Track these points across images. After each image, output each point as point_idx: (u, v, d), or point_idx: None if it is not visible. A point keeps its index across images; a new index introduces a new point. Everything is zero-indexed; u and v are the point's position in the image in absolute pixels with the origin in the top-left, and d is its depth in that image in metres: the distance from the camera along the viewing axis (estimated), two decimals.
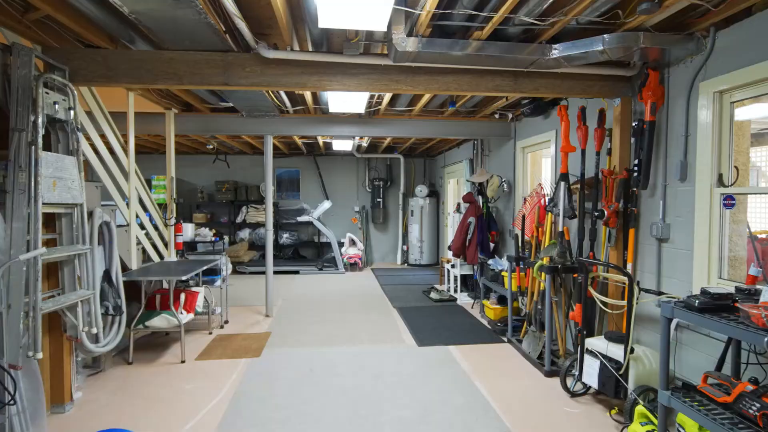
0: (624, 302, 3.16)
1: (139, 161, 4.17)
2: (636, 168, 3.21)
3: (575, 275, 3.44)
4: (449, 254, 8.51)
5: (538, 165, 5.46)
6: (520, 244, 4.46)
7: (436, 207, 9.71)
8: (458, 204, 6.37)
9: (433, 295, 6.47)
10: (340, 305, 6.06)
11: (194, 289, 4.48)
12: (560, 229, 3.58)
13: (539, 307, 4.00)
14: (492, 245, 5.74)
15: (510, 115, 5.39)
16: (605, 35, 2.71)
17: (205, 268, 4.52)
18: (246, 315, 5.56)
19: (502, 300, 5.17)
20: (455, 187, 9.00)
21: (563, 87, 3.33)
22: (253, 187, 9.39)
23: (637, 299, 2.89)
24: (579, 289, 3.47)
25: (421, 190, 9.51)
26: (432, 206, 9.60)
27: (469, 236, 5.60)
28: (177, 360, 4.01)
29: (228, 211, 9.37)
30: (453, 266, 6.46)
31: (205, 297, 4.72)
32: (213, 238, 7.89)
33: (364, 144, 8.04)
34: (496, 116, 5.44)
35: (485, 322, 5.18)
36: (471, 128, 5.67)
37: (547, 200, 4.27)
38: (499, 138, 5.86)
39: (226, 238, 9.20)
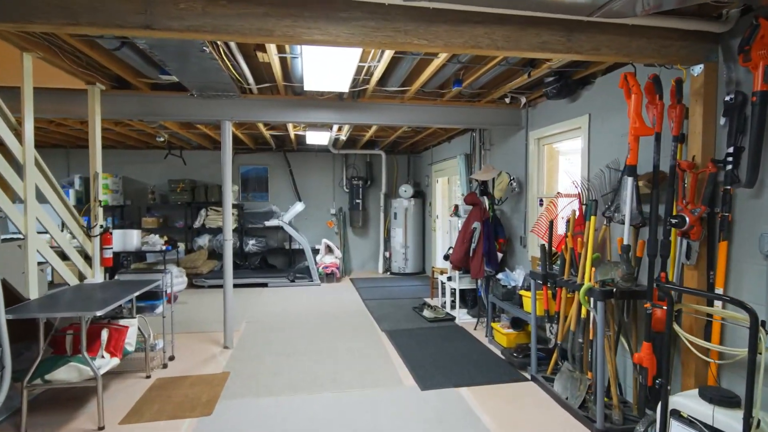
0: (728, 349, 2.28)
1: (75, 156, 3.10)
2: (730, 158, 2.35)
3: (646, 305, 2.53)
4: (441, 263, 7.52)
5: (554, 160, 4.59)
6: (547, 258, 3.55)
7: (421, 209, 8.78)
8: (456, 206, 5.45)
9: (426, 313, 5.51)
10: (317, 328, 5.02)
11: (123, 322, 3.35)
12: (626, 240, 2.67)
13: (580, 340, 3.10)
14: (499, 255, 4.83)
15: (523, 100, 4.49)
16: None
17: (139, 293, 3.41)
18: (199, 346, 4.44)
19: (516, 323, 4.26)
20: (445, 187, 8.10)
21: (632, 47, 2.43)
22: (214, 187, 8.20)
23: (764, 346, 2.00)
24: (646, 324, 2.57)
25: (406, 190, 8.56)
26: (417, 208, 8.67)
27: (473, 245, 4.67)
28: (93, 425, 2.89)
29: (184, 214, 8.14)
30: (450, 279, 5.52)
31: (140, 329, 3.60)
32: (164, 247, 6.67)
33: (343, 137, 7.02)
34: (507, 100, 4.53)
35: (497, 351, 4.26)
36: (474, 116, 4.75)
37: (584, 202, 3.38)
38: (506, 128, 4.96)
39: (182, 246, 7.99)
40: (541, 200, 4.48)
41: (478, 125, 4.83)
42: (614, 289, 2.69)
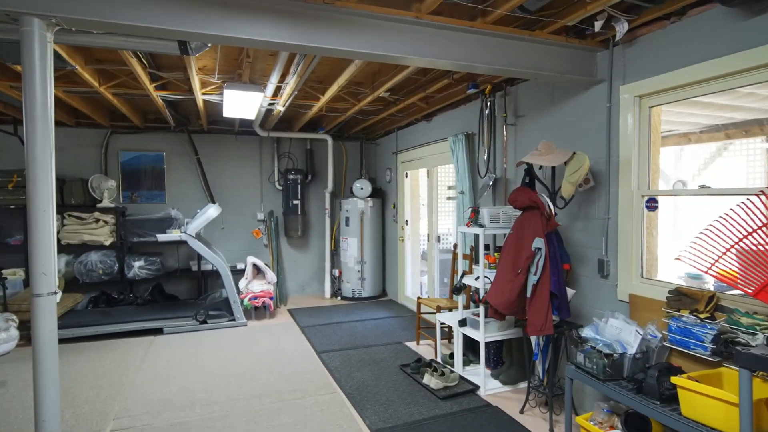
0: None
1: None
2: None
3: None
4: (416, 289, 5.41)
5: (658, 134, 2.77)
6: None
7: (381, 212, 6.70)
8: (474, 210, 3.43)
9: (429, 380, 3.44)
10: None
11: None
12: None
13: None
14: (570, 292, 2.92)
15: (621, 28, 2.60)
16: None
17: None
18: None
19: (633, 423, 2.36)
20: (415, 183, 6.10)
21: None
22: (77, 183, 5.41)
23: None
24: None
25: (363, 187, 6.42)
26: (376, 211, 6.57)
27: (534, 278, 2.69)
28: None
29: (22, 224, 5.22)
30: (463, 323, 3.50)
31: None
32: None
33: (280, 107, 4.70)
34: (598, 24, 2.60)
35: None
36: (526, 55, 2.76)
37: None
38: (569, 80, 3.06)
39: (19, 274, 5.12)
40: (652, 200, 2.63)
41: (529, 72, 2.85)
42: None
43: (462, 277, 3.55)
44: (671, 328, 2.34)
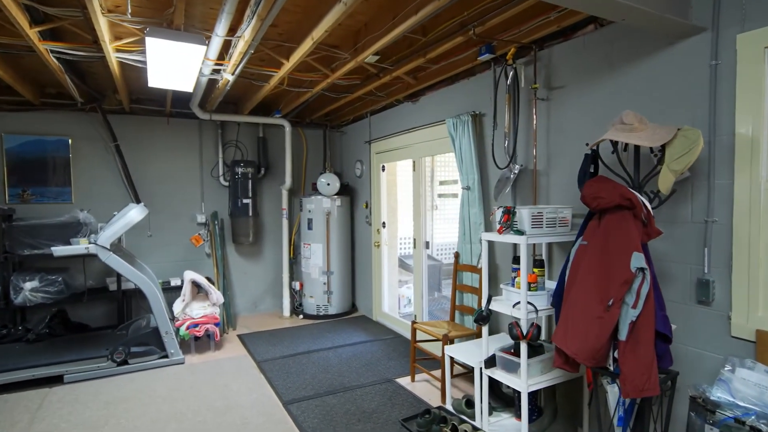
0: None
1: None
2: None
3: None
4: (398, 304, 4.26)
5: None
6: None
7: (350, 212, 5.66)
8: (508, 212, 2.51)
9: None
10: None
11: None
12: None
13: None
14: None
15: None
16: None
17: None
18: None
19: None
20: (395, 178, 5.14)
21: None
22: None
23: None
24: None
25: (329, 183, 5.35)
26: (345, 211, 5.53)
27: (633, 312, 1.80)
28: None
29: None
30: (490, 364, 2.58)
31: None
32: None
33: (228, 75, 3.53)
34: None
35: None
36: None
37: None
38: (663, 23, 2.22)
39: None
40: None
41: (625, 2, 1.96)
42: None
43: (489, 301, 2.62)
44: None
